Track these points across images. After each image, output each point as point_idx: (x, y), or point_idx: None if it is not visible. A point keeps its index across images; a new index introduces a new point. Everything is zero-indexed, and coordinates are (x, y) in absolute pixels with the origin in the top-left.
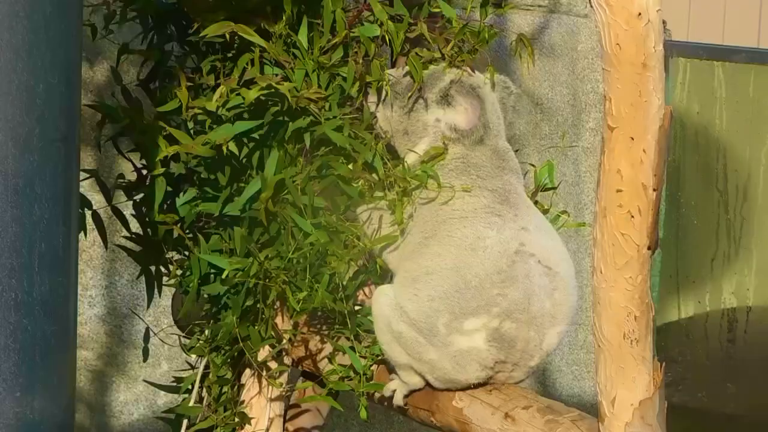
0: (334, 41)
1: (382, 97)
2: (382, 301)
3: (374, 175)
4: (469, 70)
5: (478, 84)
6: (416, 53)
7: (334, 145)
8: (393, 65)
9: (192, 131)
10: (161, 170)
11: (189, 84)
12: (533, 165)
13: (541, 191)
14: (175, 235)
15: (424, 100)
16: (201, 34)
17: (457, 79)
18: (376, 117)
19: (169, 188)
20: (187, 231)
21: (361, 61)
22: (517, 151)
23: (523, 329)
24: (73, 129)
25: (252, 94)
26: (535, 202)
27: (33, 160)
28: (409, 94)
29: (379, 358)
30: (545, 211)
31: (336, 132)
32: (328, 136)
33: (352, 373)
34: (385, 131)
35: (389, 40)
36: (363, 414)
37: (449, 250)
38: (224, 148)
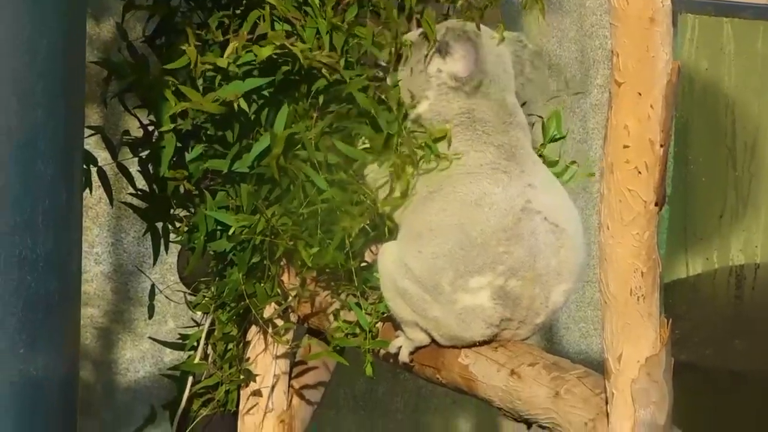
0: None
1: (402, 60)
2: (386, 257)
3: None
4: (478, 28)
5: (473, 30)
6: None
7: (349, 102)
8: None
9: (201, 87)
10: (170, 126)
11: (196, 40)
12: (540, 117)
13: (549, 142)
14: (183, 191)
15: (428, 53)
16: None
17: (452, 26)
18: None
19: (177, 144)
20: (194, 187)
21: (382, 18)
22: (523, 105)
23: (528, 287)
24: (78, 85)
25: (265, 52)
26: (540, 156)
27: (36, 116)
28: (425, 53)
29: (385, 315)
30: (554, 162)
31: (361, 93)
32: (343, 95)
33: (357, 330)
34: (404, 94)
35: None
36: (368, 370)
37: (454, 206)
38: (235, 104)
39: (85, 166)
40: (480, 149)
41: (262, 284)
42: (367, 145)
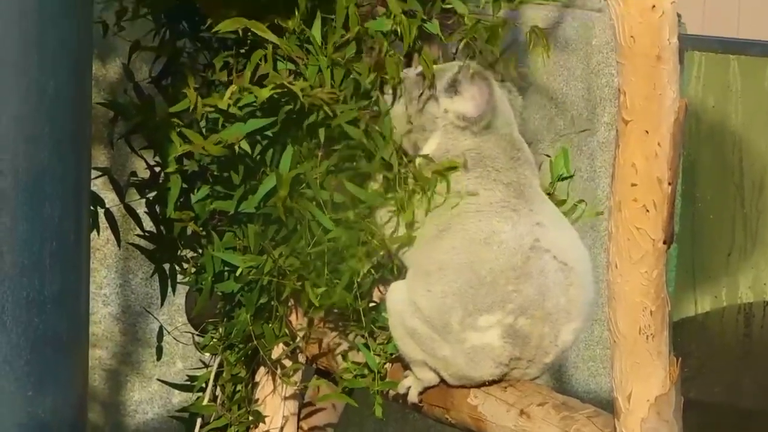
0: (347, 36)
1: (397, 95)
2: (395, 296)
3: (390, 171)
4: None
5: (484, 71)
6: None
7: (350, 140)
8: (408, 61)
9: (204, 129)
10: (175, 167)
11: (201, 81)
12: (548, 155)
13: (558, 181)
14: (190, 232)
15: (434, 94)
16: (213, 30)
17: (462, 67)
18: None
19: (184, 185)
20: (201, 228)
21: (374, 56)
22: (531, 144)
23: (537, 325)
24: (85, 126)
25: (264, 93)
26: (549, 194)
27: (44, 157)
28: (420, 91)
29: (393, 356)
30: (562, 202)
31: (351, 125)
32: (343, 130)
33: (366, 371)
34: (398, 129)
35: (401, 35)
36: (378, 412)
37: (463, 245)
38: (236, 147)
39: (92, 208)
40: (489, 187)
41: (270, 325)
42: (375, 186)
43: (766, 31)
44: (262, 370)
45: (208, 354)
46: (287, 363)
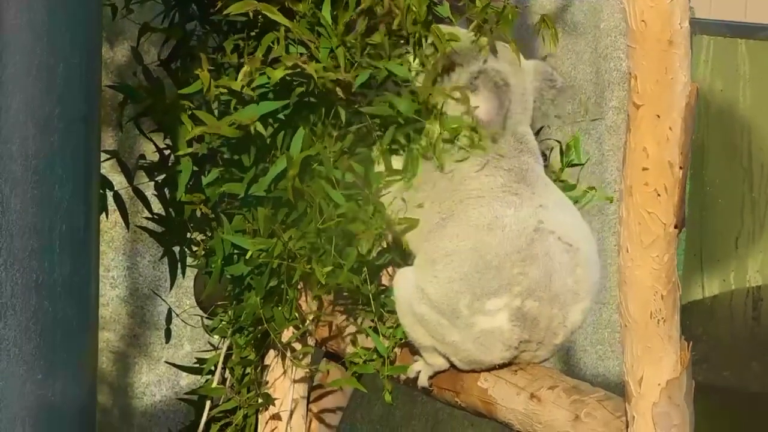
0: (361, 7)
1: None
2: (402, 283)
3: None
4: (494, 54)
5: (505, 79)
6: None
7: (366, 120)
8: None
9: (216, 111)
10: (187, 150)
11: (211, 63)
12: (558, 141)
13: (568, 167)
14: (199, 215)
15: (456, 75)
16: (224, 13)
17: (486, 68)
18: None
19: (194, 168)
20: (211, 211)
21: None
22: (541, 128)
23: (545, 307)
24: (94, 109)
25: (278, 74)
26: (561, 181)
27: (53, 140)
28: (433, 63)
29: (403, 341)
30: (572, 187)
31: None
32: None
33: (375, 356)
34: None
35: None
36: (387, 398)
37: (467, 231)
38: (252, 128)
39: (101, 191)
40: (490, 173)
41: (279, 308)
42: (382, 168)
43: None
44: (271, 353)
45: (217, 337)
46: (297, 346)
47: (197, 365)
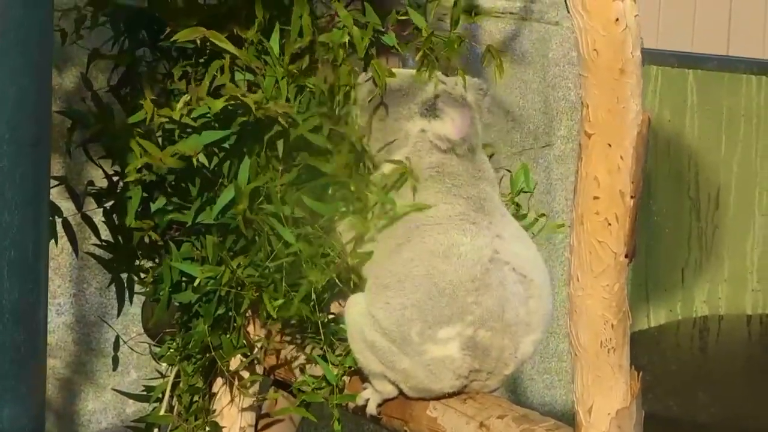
0: (300, 44)
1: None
2: (354, 309)
3: (357, 176)
4: (441, 76)
5: (462, 95)
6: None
7: (312, 149)
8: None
9: (161, 139)
10: (135, 176)
11: (160, 90)
12: (509, 170)
13: (517, 195)
14: (148, 241)
15: (407, 110)
16: (172, 40)
17: (442, 91)
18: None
19: (143, 194)
20: (159, 238)
21: (329, 66)
22: (491, 156)
23: (497, 337)
24: (45, 134)
25: (218, 104)
26: (517, 206)
27: (3, 165)
28: (370, 98)
29: (352, 369)
30: (523, 216)
31: (313, 133)
32: (304, 140)
33: (324, 384)
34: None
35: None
36: (336, 427)
37: (422, 257)
38: (194, 159)
39: (50, 217)
40: (449, 201)
41: (227, 336)
42: (337, 202)
43: (721, 45)
44: (219, 380)
45: (164, 364)
46: (245, 374)
47: (144, 393)
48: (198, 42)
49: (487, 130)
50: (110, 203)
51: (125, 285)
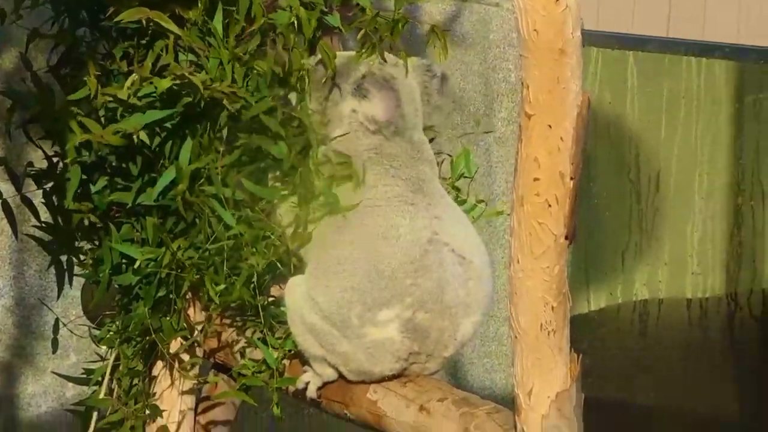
0: (250, 29)
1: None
2: (294, 292)
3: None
4: (382, 58)
5: (392, 75)
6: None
7: (261, 131)
8: (312, 52)
9: (103, 119)
10: (74, 157)
11: (100, 71)
12: (449, 155)
13: (458, 180)
14: (87, 223)
15: (339, 90)
16: (114, 20)
17: (370, 71)
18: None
19: (83, 176)
20: (99, 220)
21: (279, 49)
22: (432, 139)
23: (436, 319)
24: None
25: (164, 84)
26: (457, 190)
27: None
28: (323, 80)
29: (292, 352)
30: (462, 201)
31: (267, 115)
32: (252, 122)
33: (264, 368)
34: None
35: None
36: (276, 410)
37: (361, 239)
38: (135, 137)
39: None
40: (388, 183)
41: (168, 318)
42: (277, 184)
43: (661, 26)
44: (159, 364)
45: (104, 347)
46: (185, 357)
47: (84, 376)
48: (141, 22)
49: (438, 113)
50: (50, 185)
51: (65, 267)
